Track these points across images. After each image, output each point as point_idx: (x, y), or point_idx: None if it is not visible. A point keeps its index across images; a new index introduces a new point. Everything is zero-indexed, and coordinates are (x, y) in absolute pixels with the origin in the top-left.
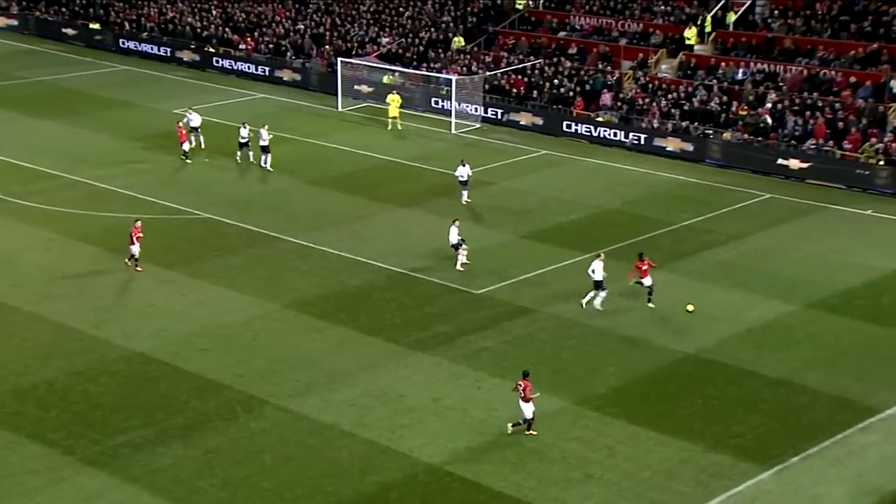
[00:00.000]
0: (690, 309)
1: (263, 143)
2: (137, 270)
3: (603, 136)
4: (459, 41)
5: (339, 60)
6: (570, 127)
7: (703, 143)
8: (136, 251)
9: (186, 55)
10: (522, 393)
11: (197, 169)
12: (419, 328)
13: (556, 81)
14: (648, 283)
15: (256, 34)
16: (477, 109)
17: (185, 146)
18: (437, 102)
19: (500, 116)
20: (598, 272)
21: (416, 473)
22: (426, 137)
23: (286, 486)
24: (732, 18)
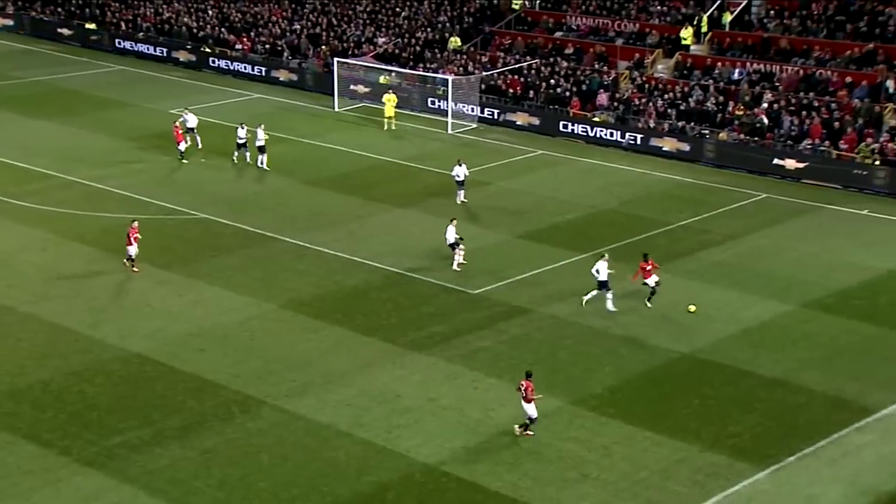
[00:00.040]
0: (692, 309)
1: (260, 142)
2: (134, 271)
3: (599, 136)
4: (456, 41)
5: (335, 60)
6: (566, 127)
7: (699, 143)
8: (133, 252)
9: (183, 55)
10: (524, 393)
11: (193, 169)
12: (416, 328)
13: (552, 81)
14: (652, 283)
15: (253, 34)
16: (473, 109)
17: (181, 146)
18: (433, 102)
19: (496, 116)
20: (602, 272)
21: (412, 473)
22: (423, 137)
23: (283, 486)
24: (728, 18)
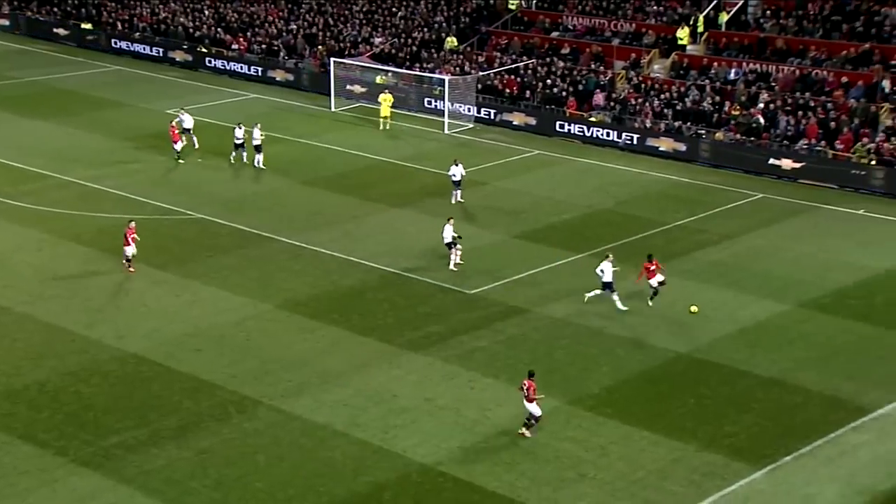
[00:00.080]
0: (694, 310)
1: (256, 142)
2: (130, 271)
3: (596, 136)
4: (452, 41)
5: (331, 60)
6: (562, 127)
7: (695, 143)
8: (131, 252)
9: (179, 55)
10: (527, 393)
11: (189, 169)
12: (412, 328)
13: (548, 81)
14: (655, 283)
15: (249, 34)
16: (470, 109)
17: (177, 146)
18: (429, 102)
19: (492, 116)
20: (607, 273)
21: (409, 473)
22: (419, 137)
23: (279, 486)
24: (725, 18)
